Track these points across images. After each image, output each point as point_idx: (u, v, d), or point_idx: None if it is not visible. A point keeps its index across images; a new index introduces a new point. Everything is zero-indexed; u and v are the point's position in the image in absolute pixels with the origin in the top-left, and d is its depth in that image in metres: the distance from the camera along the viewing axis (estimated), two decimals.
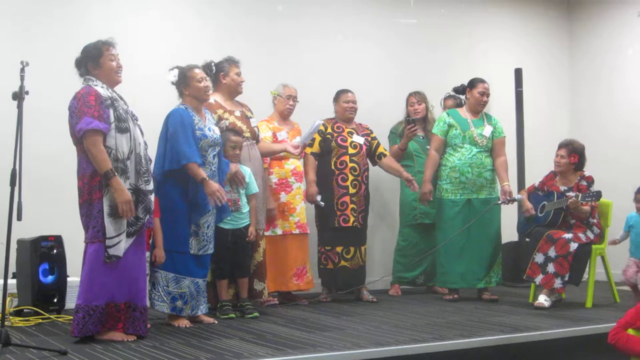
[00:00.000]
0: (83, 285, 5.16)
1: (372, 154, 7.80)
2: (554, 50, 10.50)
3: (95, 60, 5.36)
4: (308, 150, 7.55)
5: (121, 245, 5.17)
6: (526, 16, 10.31)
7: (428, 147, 8.08)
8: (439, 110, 8.54)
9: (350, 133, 7.67)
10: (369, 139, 7.77)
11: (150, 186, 5.41)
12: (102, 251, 5.13)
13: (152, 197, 5.44)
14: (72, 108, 5.21)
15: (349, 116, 7.72)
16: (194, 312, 6.06)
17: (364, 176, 7.64)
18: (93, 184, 5.14)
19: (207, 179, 5.91)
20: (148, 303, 5.63)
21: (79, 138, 5.13)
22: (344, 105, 7.72)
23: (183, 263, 6.01)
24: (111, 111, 5.20)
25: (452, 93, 8.48)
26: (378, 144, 7.84)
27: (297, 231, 7.38)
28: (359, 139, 7.65)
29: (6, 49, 6.90)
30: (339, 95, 7.79)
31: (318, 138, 7.56)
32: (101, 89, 5.26)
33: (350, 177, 7.53)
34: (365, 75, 8.69)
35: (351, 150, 7.58)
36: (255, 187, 6.65)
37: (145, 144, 5.46)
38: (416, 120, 8.04)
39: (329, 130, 7.63)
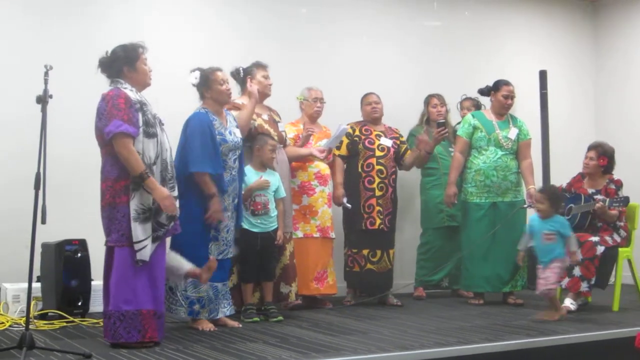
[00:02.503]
0: (113, 291, 5.17)
1: (399, 158, 7.76)
2: (579, 52, 10.44)
3: (132, 63, 5.36)
4: (336, 152, 7.59)
5: (147, 250, 5.16)
6: (551, 18, 10.26)
7: (451, 149, 8.08)
8: (455, 113, 8.51)
9: (378, 136, 7.66)
10: (398, 142, 7.74)
11: (176, 192, 5.40)
12: (129, 255, 5.13)
13: (177, 203, 5.42)
14: (100, 109, 5.19)
15: (374, 117, 7.73)
16: (212, 315, 6.04)
17: (391, 179, 7.62)
18: (117, 188, 5.14)
19: (215, 195, 5.88)
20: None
21: (107, 140, 5.12)
22: (367, 108, 7.75)
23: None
24: (140, 115, 5.20)
25: (467, 95, 8.48)
26: (406, 149, 7.80)
27: (317, 235, 7.35)
28: (386, 142, 7.63)
29: (30, 53, 6.92)
30: (363, 98, 7.83)
31: (346, 141, 7.58)
32: (130, 92, 5.25)
33: (377, 180, 7.51)
34: (388, 78, 8.67)
35: (378, 153, 7.56)
36: (283, 192, 6.65)
37: (171, 149, 5.47)
38: (446, 124, 8.01)
39: (357, 133, 7.63)
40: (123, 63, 5.35)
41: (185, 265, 5.67)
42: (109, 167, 5.20)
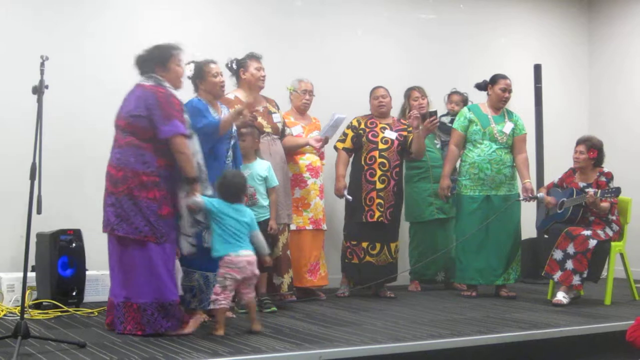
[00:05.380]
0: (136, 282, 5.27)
1: (407, 150, 7.72)
2: (574, 47, 10.47)
3: (163, 62, 5.45)
4: (340, 145, 7.64)
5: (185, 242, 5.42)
6: (546, 12, 10.28)
7: (436, 141, 8.18)
8: (441, 106, 8.50)
9: (383, 129, 7.66)
10: (405, 134, 7.71)
11: (209, 192, 5.50)
12: (155, 249, 5.22)
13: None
14: (150, 103, 5.23)
15: (381, 111, 7.73)
16: (202, 305, 6.05)
17: (394, 172, 7.60)
18: (137, 181, 5.20)
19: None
20: None
21: (165, 139, 5.21)
22: (374, 102, 7.76)
23: (193, 256, 6.01)
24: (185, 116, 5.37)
25: (456, 89, 8.51)
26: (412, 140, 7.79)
27: (310, 227, 7.37)
28: (390, 135, 7.63)
29: (26, 43, 6.92)
30: (371, 91, 7.83)
31: (350, 134, 7.63)
32: (174, 92, 5.40)
33: (379, 173, 7.52)
34: (384, 71, 8.67)
35: (381, 146, 7.57)
36: (274, 181, 6.62)
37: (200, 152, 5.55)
38: (437, 113, 8.01)
39: (362, 126, 7.65)
40: (155, 62, 5.44)
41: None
42: (133, 159, 5.22)
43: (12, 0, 7.13)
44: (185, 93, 6.24)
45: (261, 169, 6.53)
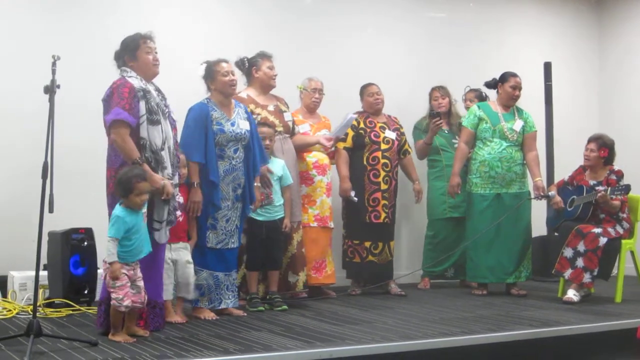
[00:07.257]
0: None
1: (400, 151, 7.80)
2: (583, 45, 10.45)
3: (132, 52, 5.40)
4: (341, 145, 7.58)
5: (162, 233, 5.33)
6: (555, 10, 10.26)
7: (454, 140, 8.12)
8: (460, 105, 8.54)
9: (383, 128, 7.67)
10: (399, 134, 7.77)
11: (177, 180, 5.47)
12: None
13: (177, 190, 5.52)
14: (106, 98, 5.24)
15: (377, 108, 7.75)
16: (212, 304, 6.08)
17: (395, 172, 7.68)
18: None
19: (194, 185, 5.90)
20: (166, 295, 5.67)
21: (108, 128, 5.18)
22: (369, 99, 7.76)
23: (200, 256, 6.05)
24: (142, 103, 5.22)
25: (471, 87, 8.51)
26: (405, 141, 7.88)
27: (315, 224, 7.30)
28: (391, 135, 7.66)
29: (38, 43, 6.94)
30: (364, 89, 7.84)
31: (351, 133, 7.59)
32: (135, 80, 5.28)
33: (382, 173, 7.54)
34: (393, 70, 8.68)
35: (384, 146, 7.59)
36: (289, 179, 6.65)
37: (175, 139, 5.50)
38: (440, 114, 8.04)
39: (362, 125, 7.64)
40: (125, 52, 5.42)
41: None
42: (114, 157, 5.25)
43: (24, 0, 7.16)
44: (198, 93, 6.29)
45: (276, 167, 6.55)
